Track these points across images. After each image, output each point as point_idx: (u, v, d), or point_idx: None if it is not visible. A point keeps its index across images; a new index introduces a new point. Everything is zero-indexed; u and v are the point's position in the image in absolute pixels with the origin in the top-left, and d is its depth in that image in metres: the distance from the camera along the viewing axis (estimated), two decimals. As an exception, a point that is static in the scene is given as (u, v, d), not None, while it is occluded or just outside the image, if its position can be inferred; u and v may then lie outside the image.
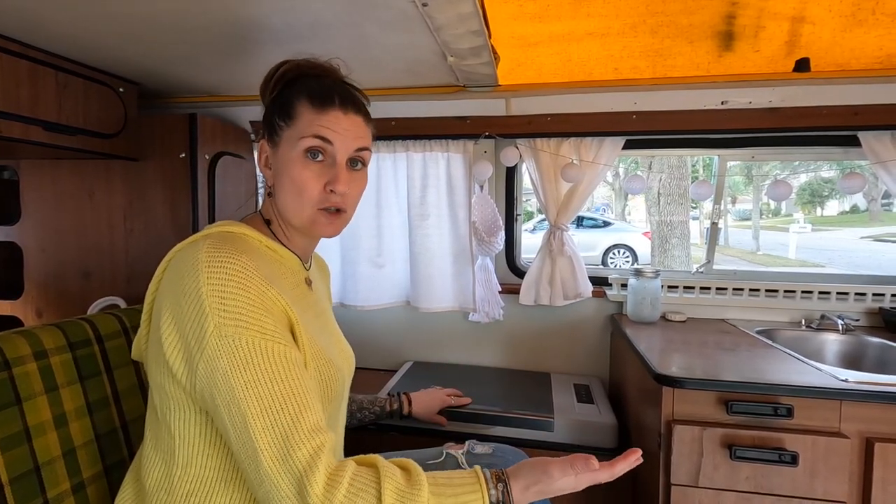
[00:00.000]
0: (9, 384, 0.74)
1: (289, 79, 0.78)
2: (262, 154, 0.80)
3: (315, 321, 0.79)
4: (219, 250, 0.65)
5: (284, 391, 0.61)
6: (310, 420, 0.61)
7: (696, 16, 1.39)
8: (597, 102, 1.52)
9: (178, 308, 0.64)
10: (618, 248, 7.94)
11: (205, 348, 0.61)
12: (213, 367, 0.60)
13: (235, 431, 0.59)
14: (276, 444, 0.58)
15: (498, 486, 0.65)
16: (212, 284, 0.62)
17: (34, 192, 1.53)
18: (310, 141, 0.73)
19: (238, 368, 0.60)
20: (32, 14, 1.01)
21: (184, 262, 0.65)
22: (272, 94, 0.79)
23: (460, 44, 1.16)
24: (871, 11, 1.33)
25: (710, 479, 1.00)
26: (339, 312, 1.80)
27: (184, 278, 0.64)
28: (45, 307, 1.54)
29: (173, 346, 0.64)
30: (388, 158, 1.68)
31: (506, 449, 0.97)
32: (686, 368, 1.08)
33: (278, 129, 0.76)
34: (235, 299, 0.62)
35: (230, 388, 0.60)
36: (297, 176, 0.73)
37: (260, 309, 0.64)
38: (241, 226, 0.75)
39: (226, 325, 0.61)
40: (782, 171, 5.22)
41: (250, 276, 0.64)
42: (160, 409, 0.69)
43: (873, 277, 1.64)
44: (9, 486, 0.70)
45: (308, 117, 0.74)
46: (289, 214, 0.76)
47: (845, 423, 0.98)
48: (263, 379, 0.60)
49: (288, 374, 0.62)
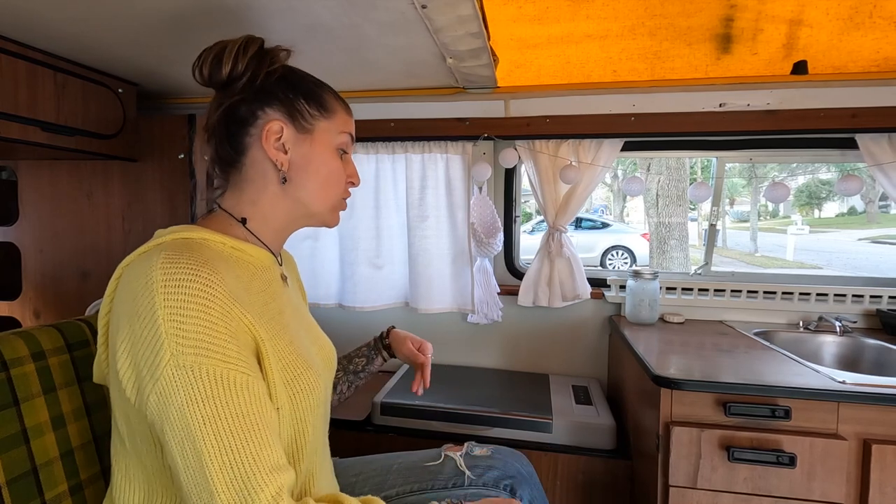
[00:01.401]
0: (6, 385, 0.74)
1: (310, 80, 0.76)
2: (274, 135, 0.71)
3: (293, 319, 0.75)
4: (175, 264, 0.57)
5: (246, 427, 0.55)
6: (271, 459, 0.56)
7: (695, 18, 1.40)
8: (595, 104, 1.52)
9: (132, 332, 0.57)
10: (616, 250, 7.95)
11: (158, 378, 0.54)
12: (166, 400, 0.54)
13: (188, 470, 0.53)
14: (235, 486, 0.52)
15: None
16: (169, 307, 0.55)
17: (32, 193, 1.52)
18: (346, 138, 0.77)
19: (196, 402, 0.54)
20: (31, 14, 1.01)
21: (136, 280, 0.58)
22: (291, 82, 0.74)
23: (459, 45, 1.16)
24: (868, 15, 1.34)
25: (708, 481, 1.01)
26: (338, 313, 1.81)
27: (137, 298, 0.57)
28: (43, 308, 1.54)
29: (126, 375, 0.57)
30: (387, 160, 1.69)
31: (504, 450, 0.97)
32: (684, 370, 1.09)
33: (309, 118, 0.73)
34: (196, 323, 0.56)
35: (185, 423, 0.53)
36: (336, 168, 0.76)
37: (223, 333, 0.57)
38: (200, 230, 0.68)
39: (184, 353, 0.54)
40: (780, 172, 5.23)
41: (212, 294, 0.58)
42: (129, 441, 0.63)
43: (871, 279, 1.64)
44: (6, 487, 0.70)
45: (343, 116, 0.77)
46: (311, 200, 0.74)
47: (843, 424, 0.98)
48: (223, 413, 0.54)
49: (249, 409, 0.56)
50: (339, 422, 1.43)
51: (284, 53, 0.74)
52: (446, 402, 1.43)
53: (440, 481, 0.86)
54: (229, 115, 0.72)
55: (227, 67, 0.70)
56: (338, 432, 1.31)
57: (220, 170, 0.75)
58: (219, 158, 0.74)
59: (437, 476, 0.87)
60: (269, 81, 0.72)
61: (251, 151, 0.72)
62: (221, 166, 0.75)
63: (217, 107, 0.72)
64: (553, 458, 1.30)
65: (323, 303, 1.78)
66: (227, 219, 0.73)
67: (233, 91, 0.71)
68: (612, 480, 1.28)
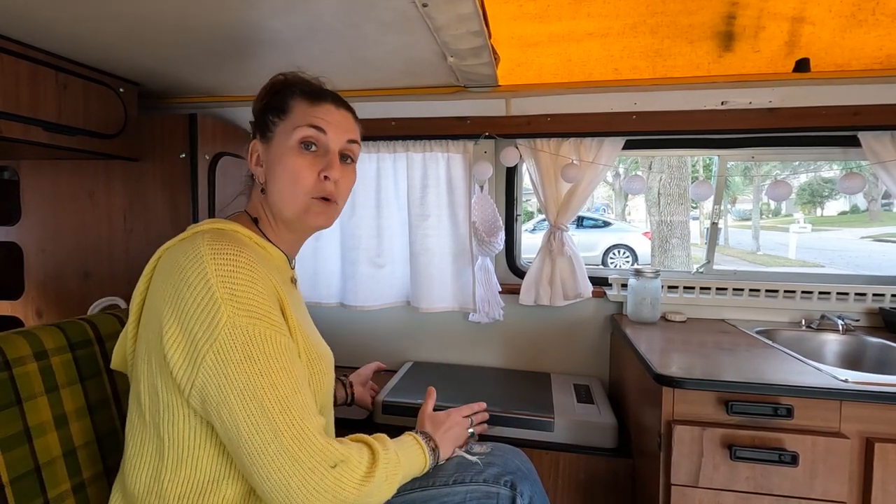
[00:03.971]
0: (9, 384, 0.74)
1: (279, 89, 0.81)
2: (252, 154, 0.81)
3: (303, 320, 0.80)
4: (219, 242, 0.65)
5: (293, 379, 0.64)
6: (311, 405, 0.66)
7: (696, 16, 1.39)
8: (597, 103, 1.52)
9: (179, 301, 0.63)
10: (618, 249, 7.94)
11: (216, 338, 0.61)
12: (225, 357, 0.61)
13: (249, 416, 0.60)
14: (294, 425, 0.62)
15: (429, 442, 0.87)
16: (221, 276, 0.62)
17: (34, 193, 1.53)
18: (304, 130, 0.76)
19: (253, 358, 0.61)
20: (33, 14, 1.01)
21: (183, 256, 0.65)
22: (262, 102, 0.82)
23: (460, 44, 1.16)
24: (870, 12, 1.33)
25: (709, 480, 1.00)
26: (339, 312, 1.81)
27: (185, 271, 0.63)
28: (45, 307, 1.54)
29: (174, 341, 0.62)
30: (388, 159, 1.69)
31: (504, 447, 0.97)
32: (686, 368, 1.08)
33: (271, 126, 0.79)
34: (247, 291, 0.63)
35: (245, 376, 0.61)
36: (292, 165, 0.76)
37: (268, 301, 0.65)
38: (230, 223, 0.75)
39: (238, 314, 0.62)
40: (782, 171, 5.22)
41: (255, 268, 0.66)
42: (149, 413, 0.68)
43: (873, 277, 1.64)
44: (9, 486, 0.70)
45: (302, 109, 0.78)
46: (283, 205, 0.77)
47: (845, 423, 0.98)
48: (275, 367, 0.63)
49: (293, 365, 0.66)
50: (341, 421, 1.43)
51: (281, 78, 0.82)
52: (448, 401, 1.42)
53: (441, 478, 0.86)
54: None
55: (254, 110, 0.84)
56: (339, 431, 1.31)
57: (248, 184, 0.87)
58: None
59: (438, 473, 0.87)
60: (261, 107, 0.82)
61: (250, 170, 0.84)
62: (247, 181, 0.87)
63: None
64: (555, 457, 1.30)
65: (324, 302, 1.78)
66: (248, 218, 0.82)
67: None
68: (613, 479, 1.28)
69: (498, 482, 0.86)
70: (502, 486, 0.86)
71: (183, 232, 0.72)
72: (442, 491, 0.85)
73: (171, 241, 0.71)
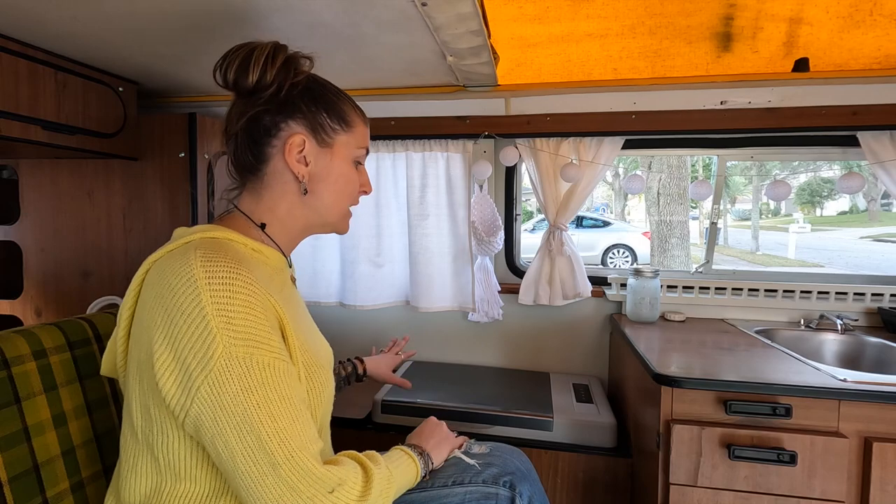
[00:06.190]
0: (8, 383, 0.74)
1: (324, 91, 0.78)
2: (296, 147, 0.73)
3: (303, 320, 0.79)
4: (214, 263, 0.61)
5: (292, 408, 0.62)
6: (311, 432, 0.64)
7: (694, 17, 1.39)
8: (596, 102, 1.52)
9: (172, 327, 0.59)
10: (617, 248, 7.94)
11: (212, 369, 0.58)
12: (220, 389, 0.58)
13: (246, 449, 0.58)
14: (293, 457, 0.59)
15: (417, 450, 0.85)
16: (216, 303, 0.59)
17: (33, 192, 1.53)
18: (362, 152, 0.81)
19: (251, 389, 0.59)
20: (32, 13, 1.01)
21: (174, 277, 0.61)
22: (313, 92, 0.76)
23: (460, 43, 1.16)
24: (868, 12, 1.33)
25: (708, 479, 1.01)
26: (339, 312, 1.81)
27: (178, 296, 0.60)
28: (44, 306, 1.54)
29: (167, 368, 0.60)
30: (387, 158, 1.69)
31: (503, 447, 0.97)
32: (685, 368, 1.09)
33: (330, 132, 0.76)
34: (244, 317, 0.60)
35: (242, 407, 0.58)
36: (353, 180, 0.80)
37: (266, 326, 0.62)
38: (223, 230, 0.70)
39: (235, 345, 0.59)
40: (781, 170, 5.23)
41: (252, 290, 0.62)
42: (142, 433, 0.66)
43: (872, 277, 1.64)
44: (8, 485, 0.70)
45: (362, 130, 0.81)
46: (326, 211, 0.79)
47: (844, 422, 0.98)
48: (273, 397, 0.60)
49: (292, 392, 0.63)
50: (340, 420, 1.44)
51: (308, 63, 0.77)
52: (447, 401, 1.43)
53: (440, 479, 0.86)
54: (252, 125, 0.73)
55: (254, 76, 0.71)
56: (339, 430, 1.31)
57: (238, 173, 0.77)
58: (237, 163, 0.76)
59: (437, 473, 0.87)
60: (293, 93, 0.74)
61: (273, 161, 0.74)
62: (239, 170, 0.77)
63: (240, 115, 0.74)
64: (554, 457, 1.30)
65: (324, 301, 1.78)
66: (245, 221, 0.76)
67: (257, 101, 0.73)
68: (612, 478, 1.29)
69: (497, 483, 0.86)
70: (501, 486, 0.86)
71: (171, 240, 0.68)
72: (441, 492, 0.85)
73: (158, 251, 0.67)
